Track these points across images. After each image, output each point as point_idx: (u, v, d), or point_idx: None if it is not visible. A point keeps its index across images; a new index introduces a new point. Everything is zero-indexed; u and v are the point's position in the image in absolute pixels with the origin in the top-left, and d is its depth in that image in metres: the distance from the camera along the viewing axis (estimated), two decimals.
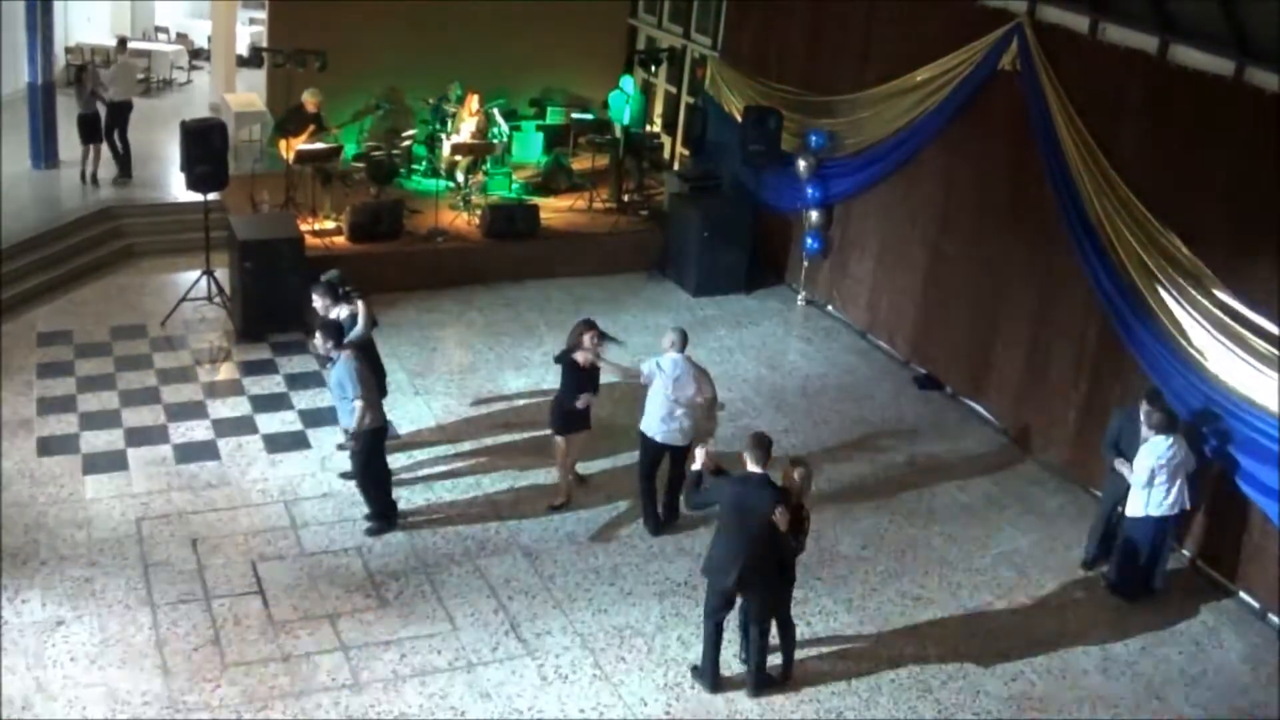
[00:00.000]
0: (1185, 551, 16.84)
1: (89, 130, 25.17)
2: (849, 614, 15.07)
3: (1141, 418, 15.27)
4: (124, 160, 25.53)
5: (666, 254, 24.72)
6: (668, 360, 15.93)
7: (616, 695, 13.59)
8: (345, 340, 15.41)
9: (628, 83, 27.05)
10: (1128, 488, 15.54)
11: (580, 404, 16.38)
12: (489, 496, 16.97)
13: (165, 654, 13.51)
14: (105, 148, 25.32)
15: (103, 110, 25.12)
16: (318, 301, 16.36)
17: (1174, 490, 15.25)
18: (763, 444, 13.23)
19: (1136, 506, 15.39)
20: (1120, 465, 15.52)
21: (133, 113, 25.80)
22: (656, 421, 16.04)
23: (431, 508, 16.63)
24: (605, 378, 16.87)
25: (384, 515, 16.01)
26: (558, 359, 16.65)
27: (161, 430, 17.80)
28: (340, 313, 16.21)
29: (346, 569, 15.19)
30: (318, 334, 15.34)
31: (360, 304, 16.21)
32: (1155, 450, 15.04)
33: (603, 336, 16.55)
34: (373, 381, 15.63)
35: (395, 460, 17.37)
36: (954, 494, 18.04)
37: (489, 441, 18.33)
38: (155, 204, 24.53)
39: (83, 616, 13.97)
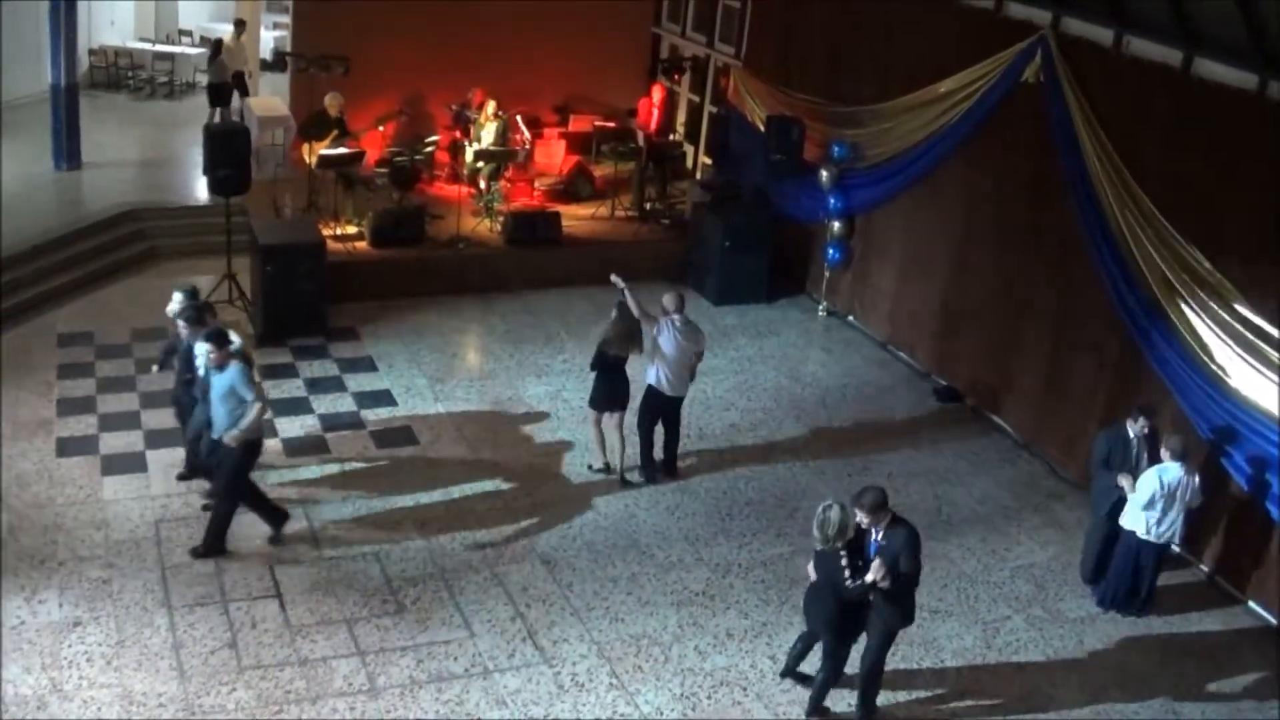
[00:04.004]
0: (1204, 566, 16.84)
1: (217, 95, 28.83)
2: None
3: (1163, 443, 15.20)
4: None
5: (688, 263, 24.71)
6: (670, 322, 17.16)
7: (633, 704, 13.58)
8: (239, 350, 15.10)
9: (660, 91, 27.09)
10: (1120, 505, 15.60)
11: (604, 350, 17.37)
12: (507, 503, 16.98)
13: (181, 656, 13.54)
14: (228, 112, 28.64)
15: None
16: (188, 325, 15.59)
17: (1176, 518, 15.22)
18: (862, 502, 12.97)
19: (1133, 522, 15.36)
20: (1123, 479, 15.45)
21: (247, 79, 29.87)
22: (665, 377, 17.25)
23: (450, 514, 16.63)
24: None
25: (274, 516, 15.65)
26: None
27: (181, 433, 17.74)
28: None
29: (364, 574, 15.21)
30: (208, 343, 14.76)
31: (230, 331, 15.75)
32: (1165, 474, 14.97)
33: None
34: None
35: (414, 466, 17.49)
36: (973, 507, 18.03)
37: (508, 448, 18.35)
38: (177, 207, 24.63)
39: (99, 618, 14.00)
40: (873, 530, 12.80)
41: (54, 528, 15.48)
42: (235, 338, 15.46)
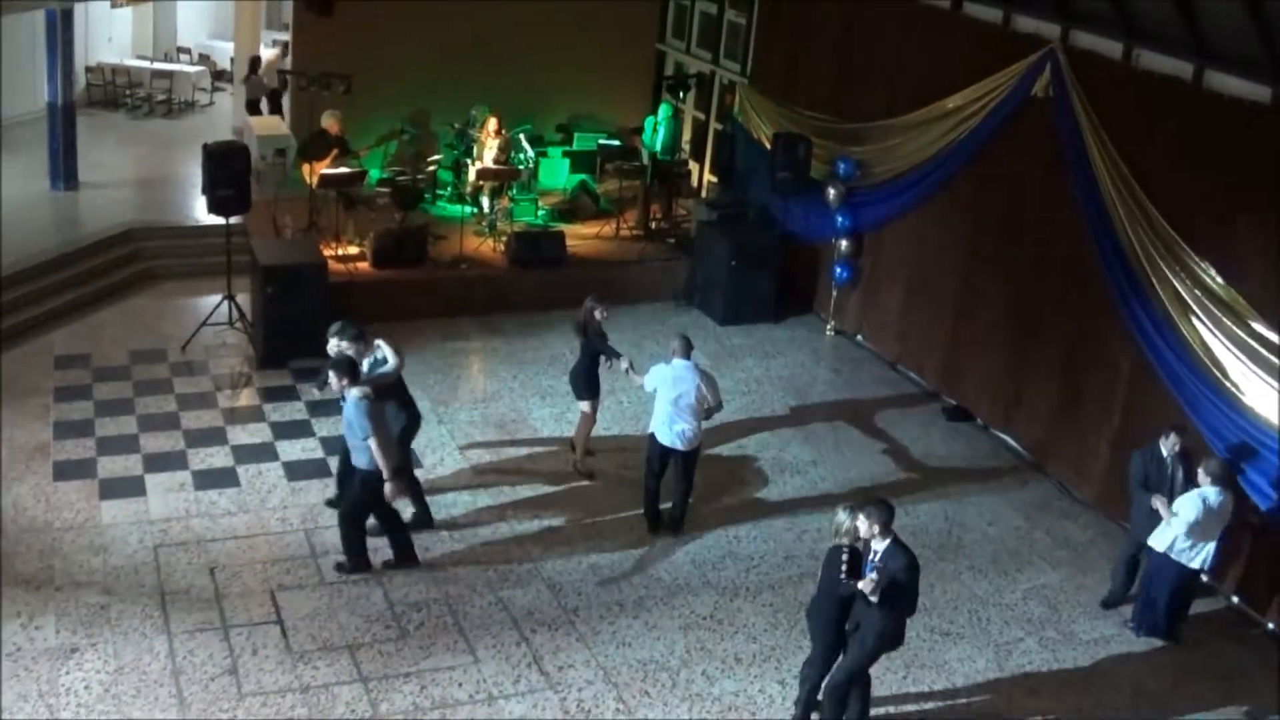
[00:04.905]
0: (1224, 589, 16.76)
1: (253, 111, 29.56)
2: None
3: (1202, 466, 15.07)
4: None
5: (694, 282, 24.75)
6: (668, 368, 16.51)
7: None
8: (369, 378, 15.31)
9: (663, 111, 27.13)
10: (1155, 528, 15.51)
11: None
12: (512, 526, 16.97)
13: (181, 683, 13.52)
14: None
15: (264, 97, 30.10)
16: (350, 349, 15.67)
17: (1213, 543, 15.15)
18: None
19: (1162, 542, 15.28)
20: (1158, 502, 15.35)
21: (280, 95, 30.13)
22: (661, 425, 16.64)
23: (454, 537, 16.63)
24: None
25: (359, 555, 15.73)
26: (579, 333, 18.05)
27: (180, 456, 17.84)
28: (372, 358, 15.86)
29: (367, 599, 15.20)
30: (330, 372, 15.07)
31: (385, 344, 15.98)
32: (1208, 498, 14.87)
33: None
34: (387, 420, 15.41)
35: None
36: (984, 528, 18.01)
37: (512, 471, 18.35)
38: (176, 227, 24.64)
39: (97, 644, 13.98)
40: (873, 545, 12.77)
41: (51, 552, 15.47)
42: (389, 354, 15.81)
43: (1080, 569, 17.14)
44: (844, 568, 12.61)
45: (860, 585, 12.45)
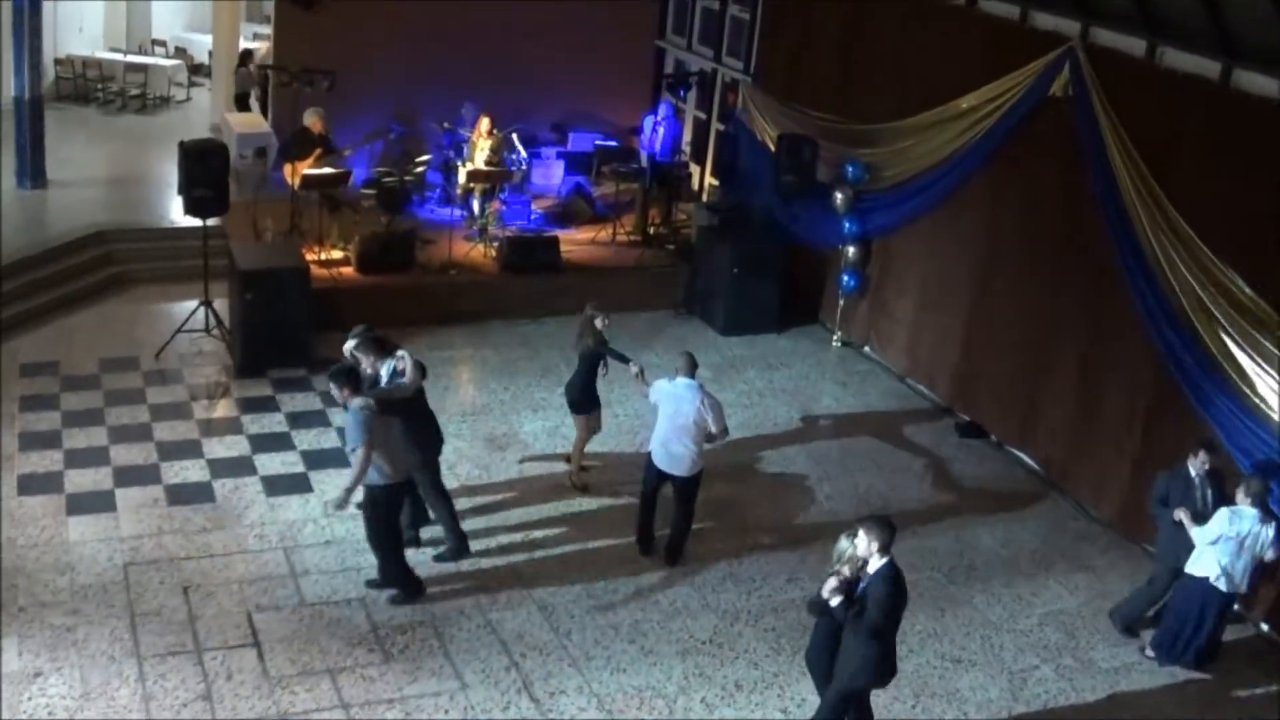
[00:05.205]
0: (1252, 617, 16.68)
1: (243, 105, 30.22)
2: None
3: (1242, 485, 14.99)
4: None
5: (694, 290, 24.68)
6: (670, 385, 16.44)
7: None
8: (379, 391, 15.19)
9: (663, 110, 27.06)
10: (1186, 553, 15.37)
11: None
12: (501, 545, 16.88)
13: (151, 709, 13.40)
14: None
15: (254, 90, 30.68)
16: (363, 359, 15.67)
17: (1245, 567, 15.02)
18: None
19: (1204, 568, 15.12)
20: (1182, 514, 15.24)
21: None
22: (658, 445, 16.49)
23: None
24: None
25: (402, 582, 15.60)
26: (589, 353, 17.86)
27: (153, 470, 17.73)
28: (390, 366, 15.75)
29: (349, 621, 15.09)
30: (331, 382, 14.95)
31: (409, 357, 15.80)
32: (1239, 517, 14.78)
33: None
34: (391, 433, 15.16)
35: None
36: (997, 550, 17.93)
37: (502, 488, 18.27)
38: (150, 229, 24.53)
39: (63, 668, 13.85)
40: (868, 567, 12.66)
41: (14, 571, 15.34)
42: (409, 368, 15.60)
43: (1099, 593, 17.05)
44: (822, 587, 12.59)
45: (823, 590, 12.44)
